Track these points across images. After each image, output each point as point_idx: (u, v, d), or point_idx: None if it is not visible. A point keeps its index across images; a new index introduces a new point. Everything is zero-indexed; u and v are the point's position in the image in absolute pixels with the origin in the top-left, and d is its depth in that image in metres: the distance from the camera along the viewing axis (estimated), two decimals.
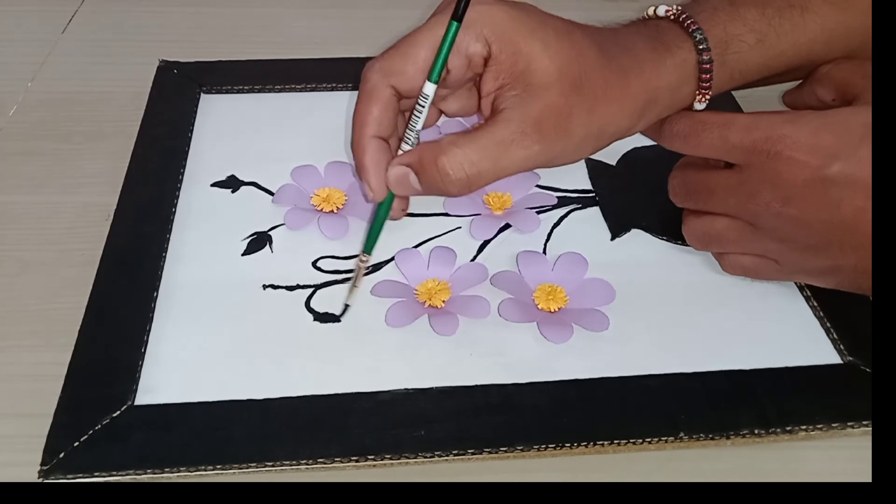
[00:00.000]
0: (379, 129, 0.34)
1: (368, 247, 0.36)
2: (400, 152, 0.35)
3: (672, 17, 0.36)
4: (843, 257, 0.33)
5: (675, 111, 0.36)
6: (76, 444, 0.31)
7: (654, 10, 0.37)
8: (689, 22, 0.35)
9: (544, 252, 0.40)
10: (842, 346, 0.36)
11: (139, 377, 0.33)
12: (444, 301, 0.36)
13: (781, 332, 0.36)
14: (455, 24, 0.32)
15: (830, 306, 0.37)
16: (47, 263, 0.39)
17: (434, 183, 0.33)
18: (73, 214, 0.42)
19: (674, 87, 0.35)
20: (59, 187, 0.44)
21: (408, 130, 0.35)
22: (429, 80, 0.33)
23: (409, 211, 0.42)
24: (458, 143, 0.32)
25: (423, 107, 0.34)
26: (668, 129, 0.36)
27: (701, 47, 0.35)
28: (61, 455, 0.30)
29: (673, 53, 0.35)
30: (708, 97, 0.36)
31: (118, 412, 0.32)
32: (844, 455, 0.33)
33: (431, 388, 0.33)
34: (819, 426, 0.32)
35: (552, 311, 0.36)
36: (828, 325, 0.37)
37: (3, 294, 0.38)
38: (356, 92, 0.49)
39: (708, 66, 0.35)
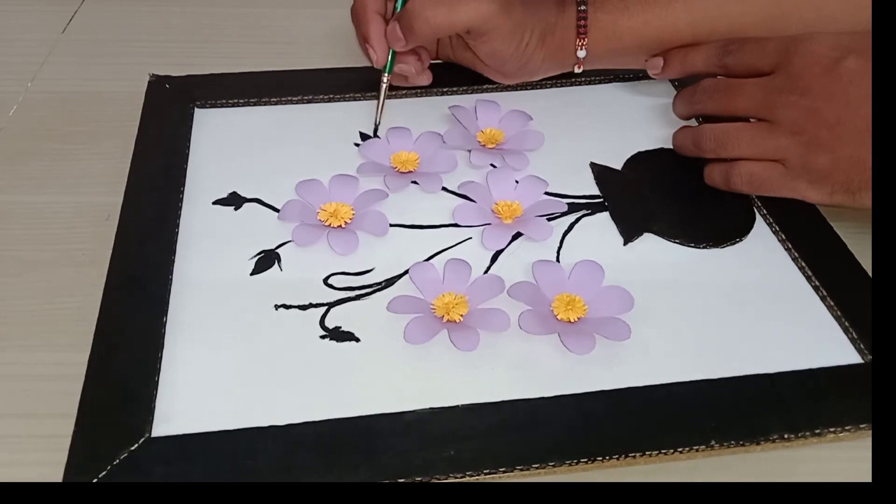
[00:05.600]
0: (378, 7, 0.46)
1: (389, 68, 0.47)
2: None
3: None
4: (842, 147, 0.38)
5: (556, 55, 0.47)
6: (95, 480, 0.30)
7: None
8: None
9: (557, 260, 0.39)
10: (861, 346, 0.36)
11: (154, 407, 0.32)
12: (462, 315, 0.36)
13: (800, 333, 0.36)
14: None
15: (847, 306, 0.37)
16: (47, 263, 0.39)
17: (408, 28, 0.44)
18: (73, 214, 0.42)
19: (565, 24, 0.46)
20: (59, 187, 0.43)
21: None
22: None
23: (417, 222, 0.41)
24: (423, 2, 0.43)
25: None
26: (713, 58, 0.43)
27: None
28: None
29: (567, 6, 0.46)
30: (584, 44, 0.46)
31: (136, 445, 0.31)
32: (844, 455, 0.33)
33: (457, 406, 0.33)
34: (847, 428, 0.32)
35: (572, 321, 0.36)
36: (846, 324, 0.37)
37: (2, 294, 0.37)
38: (354, 103, 0.49)
39: (583, 13, 0.45)
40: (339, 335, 0.36)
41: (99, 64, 0.53)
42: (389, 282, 0.38)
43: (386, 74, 0.47)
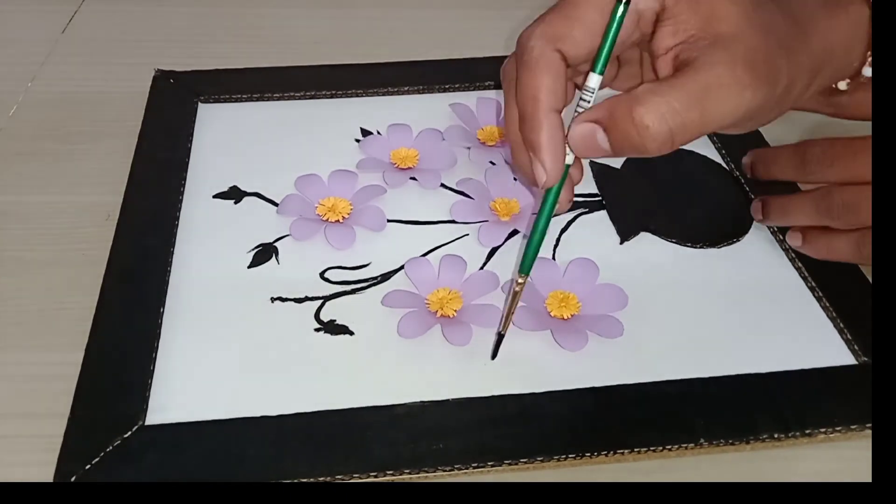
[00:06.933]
0: (555, 101, 0.31)
1: (526, 266, 0.33)
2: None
3: None
4: None
5: (841, 77, 0.35)
6: (88, 466, 0.30)
7: None
8: None
9: (553, 258, 0.40)
10: (856, 347, 0.36)
11: (149, 396, 0.33)
12: (455, 310, 0.36)
13: (795, 334, 0.36)
14: (623, 6, 0.29)
15: (843, 307, 0.37)
16: (47, 263, 0.39)
17: (628, 139, 0.29)
18: (73, 214, 0.42)
19: (846, 46, 0.33)
20: (59, 187, 0.44)
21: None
22: (593, 71, 0.30)
23: (415, 218, 0.41)
24: (657, 90, 0.29)
25: (588, 102, 0.31)
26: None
27: None
28: (73, 479, 0.30)
29: (845, 9, 0.33)
30: None
31: (129, 433, 0.31)
32: (836, 455, 0.33)
33: (448, 401, 0.33)
34: (838, 428, 0.32)
35: (565, 318, 0.36)
36: (840, 325, 0.36)
37: (2, 294, 0.38)
38: (355, 99, 0.50)
39: None
40: (333, 328, 0.36)
41: (99, 64, 0.53)
42: (385, 276, 0.38)
43: (522, 276, 0.33)
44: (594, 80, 0.31)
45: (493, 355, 0.34)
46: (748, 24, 0.30)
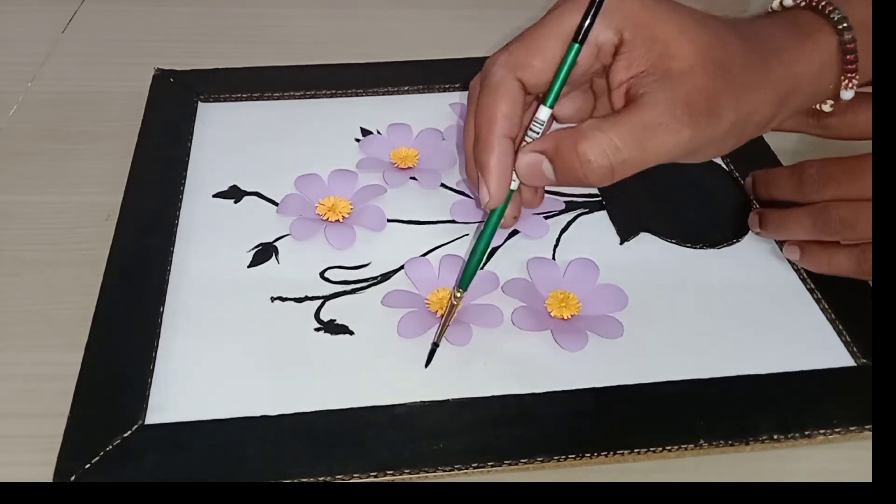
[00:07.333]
0: (509, 127, 0.32)
1: (465, 282, 0.34)
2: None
3: (804, 3, 0.34)
4: None
5: (816, 102, 0.36)
6: (87, 466, 0.30)
7: (781, 2, 0.36)
8: (823, 4, 0.34)
9: (553, 258, 0.40)
10: (855, 349, 0.36)
11: (149, 395, 0.33)
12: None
13: (794, 335, 0.36)
14: (576, 46, 0.31)
15: (842, 309, 0.37)
16: (47, 263, 0.39)
17: (572, 171, 0.31)
18: (73, 214, 0.42)
19: (815, 73, 0.34)
20: (59, 187, 0.44)
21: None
22: (544, 104, 0.32)
23: (415, 218, 0.41)
24: (600, 127, 0.30)
25: (538, 133, 0.32)
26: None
27: (841, 27, 0.33)
28: (73, 478, 0.30)
29: (813, 37, 0.34)
30: (855, 82, 0.34)
31: (129, 432, 0.31)
32: (835, 456, 0.33)
33: (448, 401, 0.33)
34: (837, 430, 0.32)
35: (565, 318, 0.36)
36: (840, 327, 0.37)
37: (2, 294, 0.37)
38: (356, 98, 0.50)
39: (851, 45, 0.33)
40: (333, 328, 0.36)
41: (99, 64, 0.53)
42: (385, 276, 0.38)
43: (460, 290, 0.34)
44: (544, 112, 0.32)
45: (427, 364, 0.34)
46: (700, 62, 0.31)
